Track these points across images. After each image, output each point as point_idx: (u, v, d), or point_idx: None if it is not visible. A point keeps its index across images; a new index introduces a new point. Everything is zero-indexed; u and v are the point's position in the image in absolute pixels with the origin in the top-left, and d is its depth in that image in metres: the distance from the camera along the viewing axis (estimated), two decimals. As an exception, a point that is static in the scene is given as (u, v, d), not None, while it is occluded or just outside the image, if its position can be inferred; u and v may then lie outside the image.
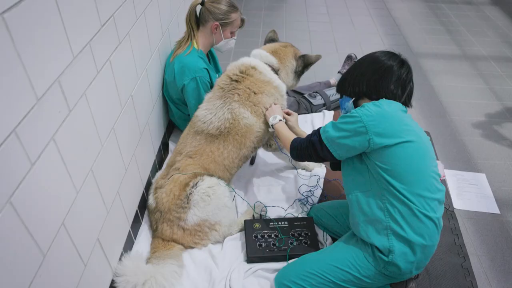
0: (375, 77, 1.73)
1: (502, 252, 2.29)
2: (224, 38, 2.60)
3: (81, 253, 1.51)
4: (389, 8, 5.67)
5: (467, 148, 3.08)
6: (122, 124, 1.90)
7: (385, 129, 1.59)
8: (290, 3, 5.70)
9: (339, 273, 1.74)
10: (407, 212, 1.61)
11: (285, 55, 2.43)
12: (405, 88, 1.74)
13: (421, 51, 4.55)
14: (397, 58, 1.75)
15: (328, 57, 4.31)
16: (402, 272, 1.67)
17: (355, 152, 1.68)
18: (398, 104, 1.69)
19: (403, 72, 1.72)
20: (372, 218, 1.69)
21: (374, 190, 1.67)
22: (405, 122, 1.64)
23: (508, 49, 4.66)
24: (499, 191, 2.70)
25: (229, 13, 2.51)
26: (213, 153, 2.21)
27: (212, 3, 2.50)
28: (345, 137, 1.66)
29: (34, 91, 1.16)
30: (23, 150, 1.12)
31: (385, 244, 1.65)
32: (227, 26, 2.55)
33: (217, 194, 2.10)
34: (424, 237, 1.63)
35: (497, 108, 3.58)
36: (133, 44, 2.02)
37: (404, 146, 1.59)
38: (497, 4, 5.95)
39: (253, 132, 2.25)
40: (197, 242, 2.12)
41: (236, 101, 2.22)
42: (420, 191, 1.61)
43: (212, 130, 2.21)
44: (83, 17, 1.47)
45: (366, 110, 1.62)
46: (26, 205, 1.14)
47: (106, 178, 1.73)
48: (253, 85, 2.26)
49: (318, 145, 1.76)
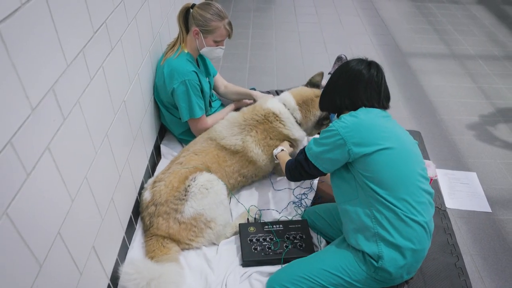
0: (346, 87, 1.77)
1: (494, 250, 2.32)
2: (207, 46, 2.51)
3: (77, 262, 1.49)
4: (376, 8, 5.70)
5: (457, 147, 3.11)
6: (115, 130, 1.89)
7: (362, 138, 1.63)
8: (279, 4, 5.71)
9: (329, 277, 1.75)
10: (393, 217, 1.63)
11: (313, 107, 2.47)
12: (379, 89, 1.76)
13: (409, 50, 4.59)
14: (363, 62, 1.78)
15: (318, 58, 4.33)
16: (393, 277, 1.68)
17: (340, 164, 1.73)
18: (376, 111, 1.73)
19: (373, 73, 1.75)
20: (360, 226, 1.71)
21: (361, 198, 1.70)
22: (384, 128, 1.66)
23: (495, 48, 4.71)
24: (490, 189, 2.73)
25: (210, 21, 2.42)
26: (218, 157, 2.34)
27: (198, 8, 2.45)
28: (327, 151, 1.71)
29: (29, 101, 1.15)
30: (19, 161, 1.11)
31: (375, 250, 1.66)
32: (208, 34, 2.47)
33: (215, 189, 2.15)
34: (413, 241, 1.64)
35: (486, 106, 3.62)
36: (125, 49, 2.01)
37: (384, 153, 1.62)
38: (483, 3, 6.01)
39: (257, 163, 2.43)
40: (192, 239, 2.11)
41: (252, 136, 2.39)
42: (405, 196, 1.63)
43: (224, 144, 2.38)
44: (76, 24, 1.46)
45: (342, 122, 1.67)
46: (22, 216, 1.13)
47: (101, 185, 1.72)
48: (272, 131, 2.42)
49: (304, 163, 1.83)
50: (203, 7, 2.44)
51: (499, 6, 5.96)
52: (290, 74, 3.92)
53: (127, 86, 2.07)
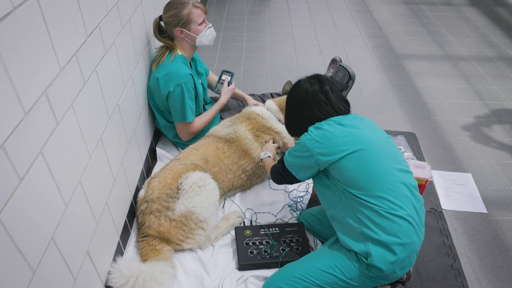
0: (299, 110, 1.89)
1: (491, 251, 2.32)
2: (196, 35, 2.52)
3: (71, 267, 1.48)
4: (370, 11, 5.72)
5: (452, 148, 3.12)
6: (110, 134, 1.88)
7: (327, 147, 1.72)
8: (273, 7, 5.71)
9: (324, 276, 1.77)
10: (374, 215, 1.67)
11: None
12: (328, 99, 1.84)
13: (403, 52, 4.60)
14: (306, 81, 1.90)
15: (312, 60, 4.33)
16: (385, 273, 1.69)
17: (313, 172, 1.83)
18: (340, 118, 1.80)
19: (315, 88, 1.85)
20: (347, 228, 1.75)
21: (343, 201, 1.75)
22: (347, 133, 1.73)
23: (488, 49, 4.73)
24: (485, 190, 2.74)
25: (179, 13, 2.43)
26: (217, 149, 2.43)
27: (165, 14, 2.49)
28: (299, 161, 1.84)
29: (22, 105, 1.14)
30: (11, 166, 1.10)
31: (363, 249, 1.69)
32: (188, 24, 2.47)
33: (208, 187, 2.16)
34: (398, 236, 1.66)
35: (480, 107, 3.63)
36: (119, 53, 2.00)
37: (351, 157, 1.69)
38: (475, 5, 6.04)
39: (252, 153, 2.52)
40: (182, 239, 2.08)
41: (242, 126, 2.57)
42: (380, 193, 1.67)
43: (219, 135, 2.52)
44: (69, 28, 1.45)
45: (308, 135, 1.78)
46: (15, 221, 1.12)
47: (95, 189, 1.71)
48: (258, 125, 2.62)
49: (282, 171, 1.97)
50: (167, 9, 2.50)
51: (491, 7, 5.99)
52: (284, 77, 3.91)
53: (121, 90, 2.06)
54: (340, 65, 3.09)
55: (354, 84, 3.55)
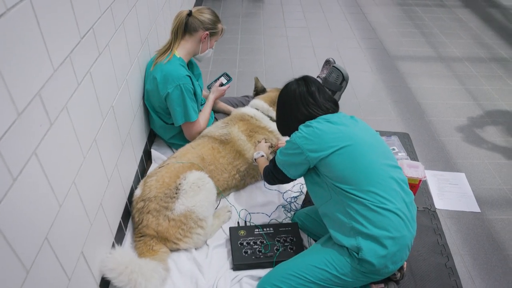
0: (289, 111, 1.95)
1: (484, 250, 2.33)
2: (209, 48, 2.67)
3: (65, 267, 1.48)
4: (364, 12, 5.74)
5: (446, 148, 3.14)
6: (104, 135, 1.89)
7: (316, 144, 1.77)
8: (267, 9, 5.73)
9: (317, 272, 1.78)
10: (363, 209, 1.70)
11: None
12: (315, 100, 1.90)
13: (397, 54, 4.62)
14: (293, 82, 1.98)
15: (307, 62, 4.34)
16: (377, 267, 1.71)
17: (303, 169, 1.87)
18: (328, 116, 1.85)
19: (302, 89, 1.92)
20: (338, 224, 1.78)
21: (334, 198, 1.78)
22: (336, 130, 1.78)
23: (481, 50, 4.76)
24: (478, 189, 2.76)
25: (216, 23, 2.60)
26: (213, 149, 2.46)
27: (202, 13, 2.56)
28: (290, 159, 1.89)
29: (15, 106, 1.15)
30: (5, 166, 1.10)
31: (354, 244, 1.71)
32: (214, 36, 2.64)
33: (207, 187, 2.19)
34: (388, 229, 1.68)
35: (473, 108, 3.65)
36: (113, 55, 2.01)
37: (340, 152, 1.73)
38: (468, 7, 6.08)
39: (246, 154, 2.53)
40: (179, 238, 2.09)
41: (236, 127, 2.58)
42: (369, 187, 1.70)
43: (214, 135, 2.54)
44: (63, 30, 1.45)
45: (299, 133, 1.83)
46: (8, 221, 1.12)
47: (89, 190, 1.71)
48: (251, 126, 2.63)
49: (274, 170, 2.00)
50: (206, 11, 2.58)
51: (484, 9, 6.03)
52: (279, 79, 3.91)
53: (116, 91, 2.07)
54: (333, 66, 3.11)
55: (348, 85, 3.57)
